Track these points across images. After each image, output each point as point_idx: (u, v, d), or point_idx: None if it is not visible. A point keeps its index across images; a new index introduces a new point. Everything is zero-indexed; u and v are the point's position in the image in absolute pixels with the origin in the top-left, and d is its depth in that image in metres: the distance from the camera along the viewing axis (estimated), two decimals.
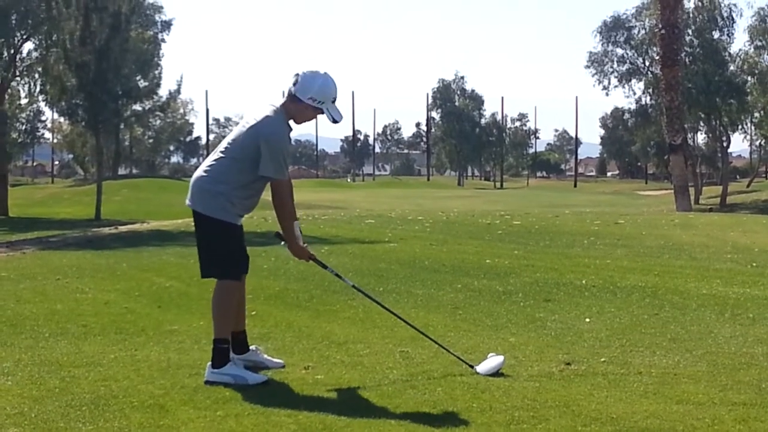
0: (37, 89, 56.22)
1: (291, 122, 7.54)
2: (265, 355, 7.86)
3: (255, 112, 7.48)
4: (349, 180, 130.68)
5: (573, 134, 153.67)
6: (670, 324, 9.83)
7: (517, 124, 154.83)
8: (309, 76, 7.40)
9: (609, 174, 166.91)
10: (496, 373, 7.36)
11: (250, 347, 7.81)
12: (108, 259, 17.49)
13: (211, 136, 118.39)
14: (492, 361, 7.54)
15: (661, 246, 18.68)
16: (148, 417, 6.23)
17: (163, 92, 57.95)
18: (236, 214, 7.48)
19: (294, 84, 7.40)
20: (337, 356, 8.20)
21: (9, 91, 54.81)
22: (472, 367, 7.54)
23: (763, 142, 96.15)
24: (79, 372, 7.54)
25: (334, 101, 7.49)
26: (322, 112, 7.46)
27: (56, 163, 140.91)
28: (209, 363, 7.32)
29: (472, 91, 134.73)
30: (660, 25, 48.38)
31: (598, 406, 6.39)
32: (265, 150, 7.28)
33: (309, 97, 7.39)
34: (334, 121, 7.52)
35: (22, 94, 57.81)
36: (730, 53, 68.72)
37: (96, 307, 11.47)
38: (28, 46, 53.96)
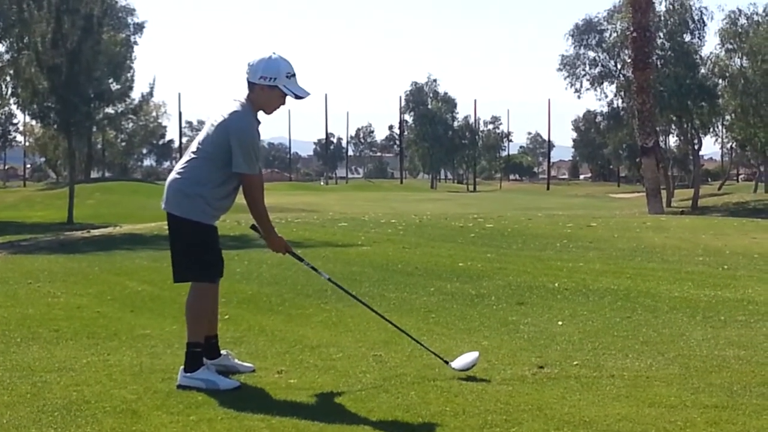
0: (9, 92, 55.98)
1: (262, 114, 7.50)
2: (236, 360, 7.84)
3: (222, 109, 7.45)
4: (322, 183, 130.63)
5: (545, 137, 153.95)
6: (642, 327, 9.86)
7: (490, 127, 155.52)
8: (256, 59, 7.39)
9: (581, 177, 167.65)
10: (471, 368, 7.39)
11: (221, 352, 7.79)
12: (80, 263, 17.41)
13: (184, 139, 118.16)
14: (467, 357, 7.56)
15: (633, 249, 18.76)
16: (120, 422, 6.21)
17: (136, 95, 57.89)
18: (212, 215, 7.46)
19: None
20: (310, 360, 8.19)
21: None
22: (447, 363, 7.55)
23: (734, 145, 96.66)
24: (50, 377, 7.50)
25: (290, 77, 7.41)
26: (285, 95, 7.43)
27: (28, 166, 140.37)
28: (182, 367, 7.29)
29: (445, 93, 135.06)
30: (631, 28, 48.67)
31: (571, 409, 6.41)
32: (235, 145, 7.24)
33: (260, 77, 7.34)
34: (297, 97, 7.44)
35: None
36: (701, 56, 69.09)
37: (68, 312, 11.41)
38: None
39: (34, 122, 79.57)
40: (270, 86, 7.36)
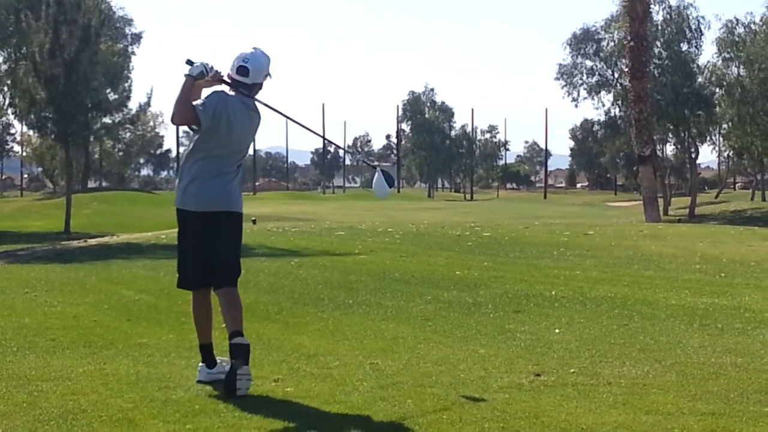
0: (6, 102, 55.95)
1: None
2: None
3: None
4: (319, 192, 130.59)
5: (543, 146, 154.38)
6: (639, 334, 9.86)
7: (487, 135, 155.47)
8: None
9: (578, 185, 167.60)
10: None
11: (217, 360, 7.77)
12: (77, 272, 17.39)
13: (181, 149, 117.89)
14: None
15: (630, 257, 18.75)
16: (116, 431, 6.20)
17: (133, 105, 57.57)
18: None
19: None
20: (306, 369, 8.18)
21: None
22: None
23: (731, 154, 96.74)
24: (47, 386, 7.49)
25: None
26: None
27: (25, 176, 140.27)
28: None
29: (442, 103, 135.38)
30: (629, 37, 48.57)
31: (568, 417, 6.40)
32: None
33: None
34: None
35: None
36: (698, 65, 69.07)
37: (65, 321, 11.40)
38: None
39: (31, 132, 79.66)
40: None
